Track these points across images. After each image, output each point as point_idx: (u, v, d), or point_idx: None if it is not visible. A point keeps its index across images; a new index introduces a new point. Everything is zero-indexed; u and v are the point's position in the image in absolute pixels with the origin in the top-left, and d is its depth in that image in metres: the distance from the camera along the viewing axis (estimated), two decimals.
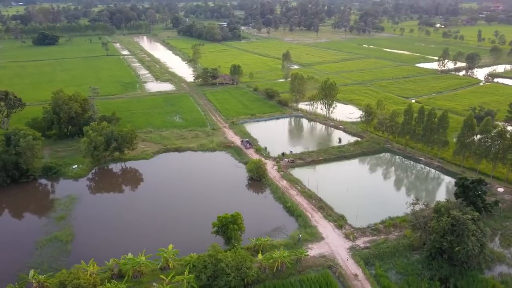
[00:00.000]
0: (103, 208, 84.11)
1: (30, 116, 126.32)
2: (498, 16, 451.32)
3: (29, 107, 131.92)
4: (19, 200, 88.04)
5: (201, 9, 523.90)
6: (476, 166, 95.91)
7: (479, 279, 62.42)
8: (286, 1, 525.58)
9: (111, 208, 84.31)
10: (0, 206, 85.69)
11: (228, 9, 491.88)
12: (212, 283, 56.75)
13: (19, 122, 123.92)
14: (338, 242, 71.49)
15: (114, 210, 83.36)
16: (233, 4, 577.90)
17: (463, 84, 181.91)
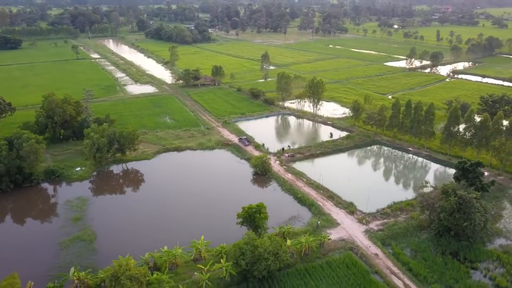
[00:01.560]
0: (117, 208, 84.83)
1: (13, 121, 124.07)
2: (449, 18, 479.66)
3: None
4: (29, 204, 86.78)
5: (163, 11, 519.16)
6: (461, 154, 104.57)
7: (484, 251, 69.50)
8: (250, 3, 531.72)
9: (126, 207, 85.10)
10: (13, 210, 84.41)
11: (193, 11, 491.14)
12: (251, 268, 59.86)
13: (7, 127, 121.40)
14: (353, 226, 76.60)
15: (129, 208, 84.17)
16: (194, 6, 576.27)
17: (431, 81, 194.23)
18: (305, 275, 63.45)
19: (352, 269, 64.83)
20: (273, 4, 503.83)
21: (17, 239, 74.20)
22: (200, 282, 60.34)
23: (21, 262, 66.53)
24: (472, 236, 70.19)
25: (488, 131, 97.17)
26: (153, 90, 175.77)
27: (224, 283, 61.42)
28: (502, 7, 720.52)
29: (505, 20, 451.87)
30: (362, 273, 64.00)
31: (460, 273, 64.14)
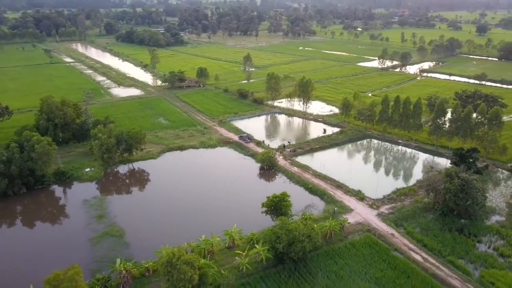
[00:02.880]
0: (137, 204, 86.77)
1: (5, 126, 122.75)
2: (408, 20, 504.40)
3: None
4: (47, 205, 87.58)
5: (129, 15, 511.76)
6: (447, 144, 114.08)
7: (484, 227, 77.79)
8: (217, 7, 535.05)
9: (145, 203, 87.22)
10: (35, 212, 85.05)
11: (159, 15, 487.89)
12: (287, 250, 64.52)
13: (2, 132, 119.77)
14: (365, 211, 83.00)
15: (149, 204, 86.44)
16: (159, 10, 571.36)
17: (404, 79, 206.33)
18: (333, 256, 68.93)
19: (374, 248, 71.03)
20: (240, 7, 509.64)
21: (48, 238, 75.23)
22: (240, 266, 64.39)
23: (59, 258, 67.98)
24: (473, 214, 78.32)
25: (472, 121, 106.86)
26: (139, 93, 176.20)
27: (262, 266, 65.78)
28: (453, 11, 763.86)
29: (458, 22, 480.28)
30: (384, 250, 70.31)
31: (468, 246, 71.81)
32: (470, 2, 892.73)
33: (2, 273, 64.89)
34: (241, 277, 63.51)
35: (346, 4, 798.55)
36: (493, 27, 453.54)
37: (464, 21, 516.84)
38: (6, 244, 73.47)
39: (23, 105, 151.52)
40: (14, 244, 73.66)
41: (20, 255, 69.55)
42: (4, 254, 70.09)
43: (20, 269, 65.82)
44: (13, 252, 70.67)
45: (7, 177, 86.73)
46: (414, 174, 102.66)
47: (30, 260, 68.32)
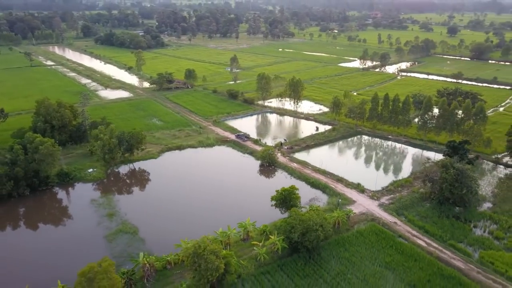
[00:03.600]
0: (145, 202, 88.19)
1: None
2: (382, 23, 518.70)
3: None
4: (55, 205, 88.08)
5: (104, 17, 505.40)
6: (435, 138, 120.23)
7: (478, 213, 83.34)
8: (196, 9, 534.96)
9: (153, 201, 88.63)
10: (44, 212, 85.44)
11: (136, 17, 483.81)
12: (302, 240, 67.77)
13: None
14: (367, 202, 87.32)
15: (157, 202, 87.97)
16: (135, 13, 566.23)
17: (385, 79, 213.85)
18: (343, 243, 72.70)
19: (380, 235, 75.22)
20: (217, 10, 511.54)
21: (63, 237, 75.84)
22: (258, 256, 67.24)
23: (78, 255, 69.03)
24: (467, 202, 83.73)
25: (458, 116, 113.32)
26: (128, 95, 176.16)
27: (278, 255, 68.83)
28: (422, 13, 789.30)
29: (430, 24, 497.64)
30: (389, 237, 74.58)
31: (465, 231, 77.04)
32: (438, 5, 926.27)
33: (27, 270, 65.65)
34: (259, 266, 66.34)
35: (320, 6, 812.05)
36: (462, 28, 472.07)
37: (435, 23, 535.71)
38: (22, 245, 73.86)
39: (11, 109, 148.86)
40: (31, 244, 74.11)
41: (41, 253, 70.34)
42: (25, 253, 70.58)
43: (43, 266, 66.71)
44: (32, 251, 71.15)
45: (12, 179, 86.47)
46: (407, 167, 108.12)
47: (51, 257, 69.27)
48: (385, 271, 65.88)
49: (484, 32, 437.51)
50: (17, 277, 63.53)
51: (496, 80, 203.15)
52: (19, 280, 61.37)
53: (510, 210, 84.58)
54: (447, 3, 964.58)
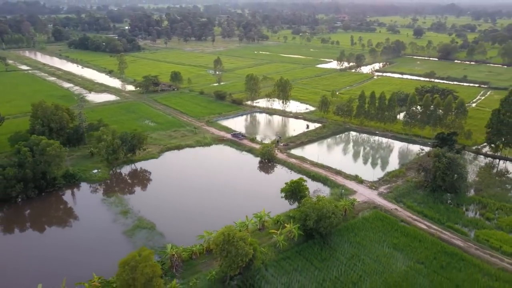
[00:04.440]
0: (156, 199, 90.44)
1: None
2: (351, 25, 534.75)
3: None
4: (67, 206, 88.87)
5: (73, 21, 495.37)
6: (420, 133, 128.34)
7: (468, 198, 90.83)
8: (168, 13, 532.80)
9: (164, 198, 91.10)
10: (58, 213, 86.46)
11: (107, 21, 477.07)
12: (317, 226, 72.58)
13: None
14: (367, 192, 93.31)
15: (168, 199, 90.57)
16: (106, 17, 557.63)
17: (363, 79, 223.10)
18: (352, 229, 78.09)
19: (384, 221, 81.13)
20: (189, 13, 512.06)
21: (81, 235, 77.15)
22: (277, 243, 71.52)
23: (103, 250, 71.35)
24: (458, 188, 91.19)
25: (441, 111, 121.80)
26: (114, 98, 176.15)
27: (294, 242, 73.33)
28: (386, 16, 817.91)
29: (396, 27, 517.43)
30: (393, 222, 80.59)
31: (459, 214, 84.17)
32: (400, 8, 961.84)
33: (60, 266, 67.34)
34: (279, 253, 70.61)
35: (288, 10, 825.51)
36: (426, 30, 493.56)
37: (400, 26, 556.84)
38: (46, 242, 75.60)
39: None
40: (55, 241, 75.55)
41: (67, 250, 71.88)
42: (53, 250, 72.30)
43: (74, 261, 68.35)
44: (59, 248, 72.59)
45: (21, 181, 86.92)
46: (397, 159, 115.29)
47: (78, 253, 70.78)
48: (394, 252, 71.67)
49: (447, 34, 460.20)
50: (52, 272, 65.04)
51: (466, 79, 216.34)
52: (55, 275, 62.81)
53: (495, 194, 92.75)
54: (408, 6, 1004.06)
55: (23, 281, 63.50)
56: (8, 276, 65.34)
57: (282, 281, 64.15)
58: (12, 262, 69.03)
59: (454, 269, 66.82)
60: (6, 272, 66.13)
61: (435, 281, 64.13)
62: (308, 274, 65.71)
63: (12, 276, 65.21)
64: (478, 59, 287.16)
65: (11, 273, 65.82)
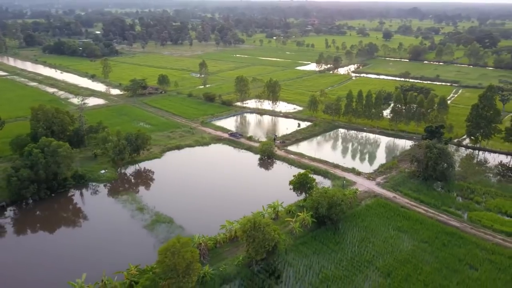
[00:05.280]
0: (168, 196, 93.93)
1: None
2: (322, 29, 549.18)
3: None
4: (83, 205, 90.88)
5: (42, 26, 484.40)
6: (405, 128, 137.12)
7: (457, 185, 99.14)
8: (141, 17, 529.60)
9: (176, 194, 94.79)
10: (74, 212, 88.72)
11: (79, 25, 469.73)
12: (328, 213, 78.46)
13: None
14: (366, 182, 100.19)
15: (180, 195, 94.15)
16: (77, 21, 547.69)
17: (342, 79, 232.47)
18: (358, 216, 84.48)
19: (386, 207, 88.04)
20: (162, 17, 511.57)
21: (103, 231, 79.87)
22: (293, 230, 76.86)
23: (131, 242, 74.69)
24: (447, 176, 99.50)
25: (424, 108, 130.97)
26: (103, 102, 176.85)
27: (308, 228, 78.89)
28: (354, 19, 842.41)
29: (365, 30, 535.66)
30: (394, 208, 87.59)
31: (451, 199, 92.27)
32: (366, 12, 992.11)
33: (96, 258, 70.11)
34: (296, 239, 75.95)
35: (258, 14, 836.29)
36: (394, 33, 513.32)
37: (369, 29, 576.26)
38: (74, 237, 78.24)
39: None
40: (79, 239, 77.74)
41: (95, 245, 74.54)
42: (84, 244, 74.76)
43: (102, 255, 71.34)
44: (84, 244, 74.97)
45: (35, 182, 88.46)
46: (387, 152, 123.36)
47: (106, 247, 73.75)
48: (399, 233, 78.46)
49: (414, 36, 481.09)
50: (89, 264, 67.76)
51: (439, 78, 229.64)
52: (93, 267, 65.62)
53: (480, 181, 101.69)
54: (373, 10, 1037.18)
55: (67, 272, 65.72)
56: (54, 267, 68.57)
57: (304, 263, 69.48)
58: (54, 255, 72.37)
59: (454, 246, 74.21)
60: (53, 265, 69.36)
61: (440, 256, 71.20)
62: (325, 256, 71.38)
63: (57, 267, 68.39)
64: (446, 60, 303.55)
65: (57, 265, 69.05)
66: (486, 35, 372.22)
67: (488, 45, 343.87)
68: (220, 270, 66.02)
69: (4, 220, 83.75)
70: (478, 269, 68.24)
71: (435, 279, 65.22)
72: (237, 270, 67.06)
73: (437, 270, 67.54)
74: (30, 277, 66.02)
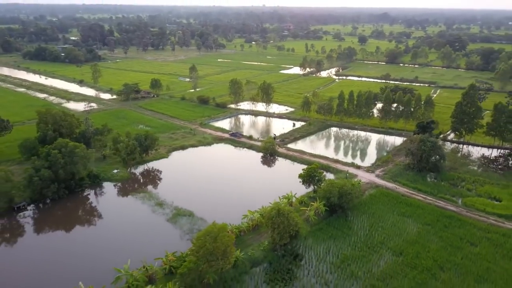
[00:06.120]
0: (184, 192, 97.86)
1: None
2: (299, 33, 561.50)
3: None
4: (102, 202, 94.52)
5: (16, 32, 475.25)
6: (394, 126, 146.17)
7: (448, 175, 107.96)
8: (120, 23, 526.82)
9: (191, 190, 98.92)
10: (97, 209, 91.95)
11: (55, 31, 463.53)
12: (340, 201, 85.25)
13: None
14: (366, 175, 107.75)
15: (195, 190, 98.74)
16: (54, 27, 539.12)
17: (327, 82, 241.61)
18: (365, 204, 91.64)
19: (388, 196, 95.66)
20: (141, 23, 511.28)
21: (132, 224, 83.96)
22: (308, 218, 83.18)
23: (161, 233, 79.25)
24: (440, 167, 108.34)
25: (412, 106, 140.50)
26: (97, 106, 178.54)
27: (321, 216, 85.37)
28: (328, 24, 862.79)
29: (340, 35, 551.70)
30: (396, 197, 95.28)
31: (446, 187, 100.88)
32: (338, 17, 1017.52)
33: (128, 248, 73.84)
34: (311, 226, 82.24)
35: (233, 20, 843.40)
36: (368, 37, 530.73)
37: (343, 33, 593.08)
38: (107, 230, 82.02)
39: None
40: (109, 232, 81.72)
41: (128, 237, 78.74)
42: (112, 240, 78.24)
43: (139, 244, 75.50)
44: (115, 238, 78.88)
45: (56, 182, 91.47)
46: (379, 148, 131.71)
47: (140, 238, 77.91)
48: (404, 218, 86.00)
49: (387, 41, 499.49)
50: (127, 253, 72.01)
51: (417, 79, 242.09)
52: (129, 255, 69.78)
53: (468, 171, 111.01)
54: (345, 15, 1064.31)
55: (105, 260, 69.95)
56: (94, 257, 72.32)
57: (322, 246, 75.75)
58: (91, 246, 75.76)
59: (454, 227, 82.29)
60: (92, 255, 72.94)
61: (443, 236, 79.02)
62: (341, 240, 77.94)
63: (96, 257, 72.31)
64: (421, 63, 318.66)
65: (95, 256, 72.96)
66: (456, 39, 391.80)
67: (458, 48, 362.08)
68: (249, 255, 71.44)
69: (32, 218, 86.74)
70: (477, 245, 76.36)
71: (442, 255, 72.82)
72: (263, 254, 72.66)
73: (442, 248, 75.24)
74: (78, 265, 70.40)
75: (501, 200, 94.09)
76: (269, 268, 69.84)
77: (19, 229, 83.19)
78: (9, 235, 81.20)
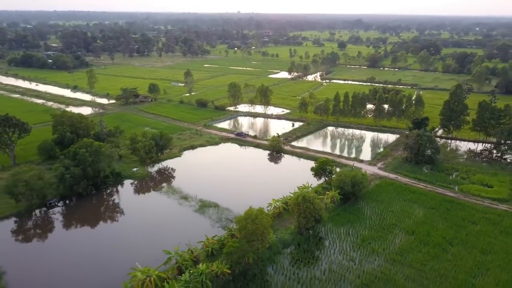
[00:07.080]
0: (206, 185, 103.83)
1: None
2: (280, 39, 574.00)
3: None
4: (130, 198, 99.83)
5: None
6: (387, 124, 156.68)
7: (444, 166, 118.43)
8: (102, 29, 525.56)
9: (211, 184, 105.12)
10: (127, 203, 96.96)
11: (36, 38, 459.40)
12: (353, 190, 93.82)
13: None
14: (369, 168, 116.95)
15: (216, 183, 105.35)
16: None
17: (315, 85, 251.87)
18: (373, 193, 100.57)
19: (393, 186, 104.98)
20: (123, 30, 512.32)
21: (163, 215, 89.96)
22: (326, 205, 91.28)
23: (192, 222, 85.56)
24: (435, 159, 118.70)
25: (404, 105, 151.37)
26: (99, 110, 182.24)
27: (337, 204, 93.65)
28: (305, 31, 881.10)
29: (320, 40, 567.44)
30: (400, 186, 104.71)
31: (442, 177, 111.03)
32: (314, 23, 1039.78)
33: (166, 235, 79.77)
34: (329, 212, 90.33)
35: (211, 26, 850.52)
36: (346, 43, 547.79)
37: (322, 39, 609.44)
38: (144, 220, 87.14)
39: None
40: (146, 221, 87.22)
41: (164, 225, 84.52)
42: (151, 228, 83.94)
43: (177, 232, 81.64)
44: (152, 226, 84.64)
45: (85, 179, 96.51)
46: (376, 144, 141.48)
47: (174, 227, 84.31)
48: (410, 204, 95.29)
49: (365, 46, 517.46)
50: (168, 239, 78.40)
51: (400, 82, 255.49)
52: (170, 241, 75.98)
53: (459, 163, 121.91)
54: (320, 22, 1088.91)
55: (156, 244, 76.06)
56: (143, 242, 77.81)
57: (342, 229, 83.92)
58: (134, 235, 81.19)
59: (456, 210, 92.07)
60: (140, 240, 78.45)
61: (447, 218, 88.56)
62: (358, 223, 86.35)
63: (146, 242, 77.94)
64: (401, 66, 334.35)
65: (143, 241, 78.70)
66: (431, 44, 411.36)
67: (433, 53, 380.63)
68: (279, 237, 78.81)
69: (70, 213, 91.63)
70: (478, 224, 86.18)
71: (449, 233, 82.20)
72: (291, 237, 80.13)
73: (448, 227, 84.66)
74: (129, 249, 76.34)
75: (493, 186, 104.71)
76: (299, 249, 77.32)
77: (67, 221, 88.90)
78: (55, 226, 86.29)
